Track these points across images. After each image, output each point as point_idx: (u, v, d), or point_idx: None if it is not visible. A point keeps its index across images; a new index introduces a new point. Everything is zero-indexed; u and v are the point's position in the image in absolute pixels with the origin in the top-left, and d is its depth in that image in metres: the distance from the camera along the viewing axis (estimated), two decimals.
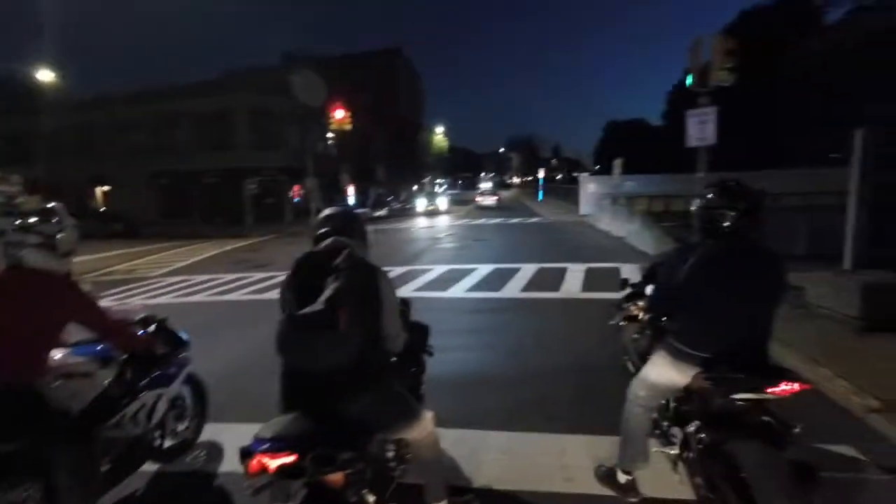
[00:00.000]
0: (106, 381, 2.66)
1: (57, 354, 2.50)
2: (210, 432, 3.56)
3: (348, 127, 24.28)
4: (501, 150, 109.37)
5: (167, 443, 3.13)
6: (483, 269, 10.16)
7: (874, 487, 2.70)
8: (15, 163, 27.86)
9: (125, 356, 2.75)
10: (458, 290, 8.48)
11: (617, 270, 9.02)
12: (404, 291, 8.35)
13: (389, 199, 37.23)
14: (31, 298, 2.26)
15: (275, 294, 2.01)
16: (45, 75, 14.52)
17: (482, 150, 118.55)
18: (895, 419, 3.28)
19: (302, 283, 1.91)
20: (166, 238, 22.29)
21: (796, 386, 1.94)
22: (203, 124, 30.37)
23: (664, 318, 2.48)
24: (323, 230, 2.08)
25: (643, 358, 2.60)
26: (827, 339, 4.80)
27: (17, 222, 2.31)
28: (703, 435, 2.10)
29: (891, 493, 2.69)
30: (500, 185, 74.44)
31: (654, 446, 2.60)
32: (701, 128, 8.46)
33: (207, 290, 9.86)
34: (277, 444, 1.65)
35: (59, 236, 2.39)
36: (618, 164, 19.38)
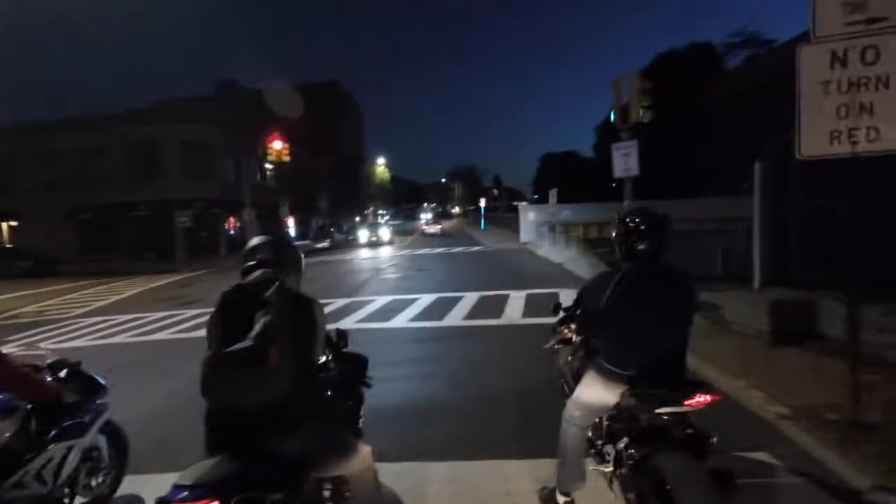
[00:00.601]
0: (5, 435, 2.40)
1: None
2: (131, 485, 3.27)
3: (287, 158, 23.91)
4: (443, 180, 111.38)
5: (79, 500, 2.83)
6: (426, 299, 10.18)
7: (787, 491, 2.92)
8: None
9: (29, 406, 2.48)
10: (401, 321, 8.42)
11: (556, 296, 9.34)
12: (346, 323, 8.17)
13: (331, 230, 36.71)
14: None
15: (204, 332, 1.91)
16: None
17: (425, 181, 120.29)
18: (803, 425, 3.58)
19: (229, 319, 1.81)
20: (86, 276, 20.57)
21: (709, 397, 2.09)
22: (132, 155, 28.74)
23: (591, 339, 2.61)
24: (251, 262, 2.01)
25: (577, 379, 2.70)
26: (741, 352, 5.20)
27: None
28: (632, 451, 2.20)
29: (802, 496, 2.91)
30: (443, 215, 75.50)
31: (591, 465, 2.68)
32: (625, 159, 9.09)
33: (131, 331, 9.16)
34: (198, 491, 1.54)
35: None
36: (553, 193, 20.32)
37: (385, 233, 35.78)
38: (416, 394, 4.89)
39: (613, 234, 2.47)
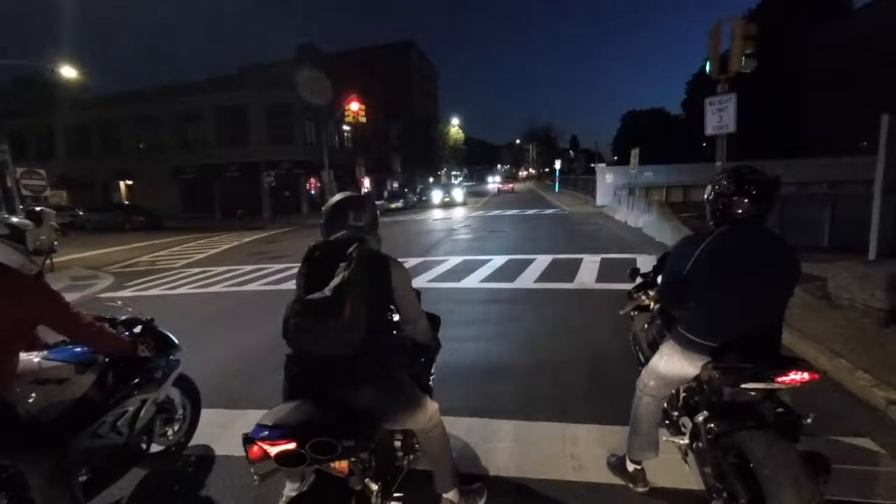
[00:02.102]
0: (85, 387, 2.49)
1: (31, 359, 2.38)
2: (224, 418, 3.65)
3: (363, 120, 24.32)
4: (518, 141, 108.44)
5: (155, 448, 3.03)
6: (497, 260, 10.15)
7: (891, 481, 2.64)
8: (42, 158, 28.73)
9: (107, 360, 2.61)
10: (472, 281, 8.48)
11: (632, 261, 8.92)
12: (419, 282, 8.39)
13: (405, 191, 37.27)
14: (1, 297, 2.12)
15: (290, 285, 2.04)
16: (68, 72, 14.82)
17: (499, 142, 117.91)
18: None
19: (313, 271, 1.91)
20: (188, 231, 22.76)
21: (806, 375, 1.90)
22: (222, 119, 30.78)
23: (674, 308, 2.46)
24: (333, 216, 2.10)
25: (652, 348, 2.58)
26: (848, 330, 4.68)
27: None
28: (712, 425, 2.08)
29: None
30: (516, 177, 73.94)
31: (664, 436, 2.59)
32: (720, 115, 8.28)
33: (225, 281, 10.04)
34: (278, 432, 1.65)
35: (29, 233, 2.30)
36: (634, 154, 19.07)
37: (458, 194, 35.73)
38: (486, 354, 4.95)
39: (707, 194, 2.25)
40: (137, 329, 2.90)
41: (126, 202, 31.81)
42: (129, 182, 33.99)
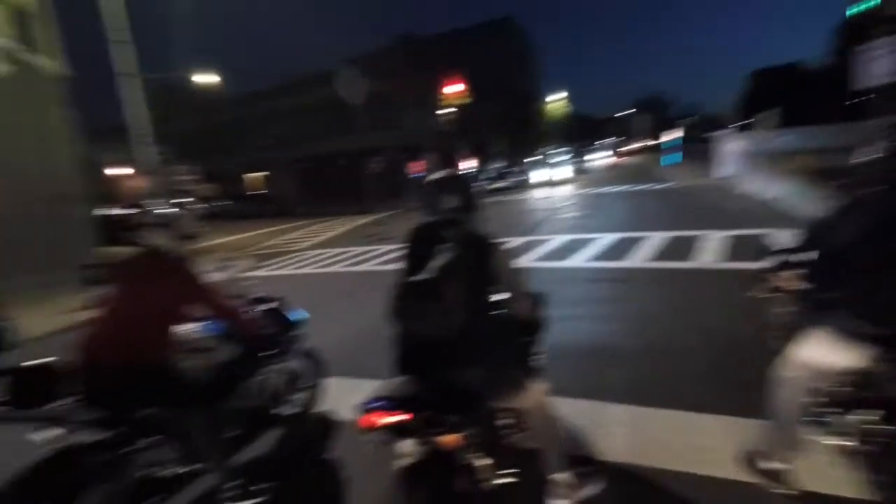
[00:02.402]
0: (228, 356, 2.85)
1: (185, 330, 2.70)
2: (346, 385, 3.95)
3: (467, 100, 24.38)
4: (626, 112, 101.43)
5: (286, 412, 3.39)
6: (605, 238, 9.67)
7: None
8: (189, 156, 33.07)
9: (244, 333, 2.90)
10: (578, 260, 8.19)
11: (760, 238, 7.95)
12: (522, 262, 8.31)
13: (506, 170, 36.89)
14: (151, 276, 2.46)
15: (398, 265, 2.14)
16: (206, 78, 16.77)
17: (604, 115, 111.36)
18: None
19: (415, 252, 1.97)
20: (307, 216, 24.89)
21: None
22: (330, 111, 32.83)
23: (831, 289, 2.13)
24: (432, 198, 2.12)
25: (796, 335, 2.27)
26: None
27: (152, 205, 2.53)
28: (887, 427, 1.79)
29: None
30: (623, 151, 69.47)
31: (810, 434, 2.29)
32: (877, 65, 6.96)
33: (342, 262, 10.84)
34: (390, 403, 1.78)
35: (179, 221, 2.59)
36: (766, 117, 16.81)
37: (562, 171, 34.46)
38: (595, 334, 4.76)
39: (870, 155, 1.89)
40: (269, 306, 3.24)
41: (257, 192, 35.61)
42: (260, 174, 37.87)
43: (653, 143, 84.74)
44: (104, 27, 10.34)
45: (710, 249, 7.86)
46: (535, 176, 34.73)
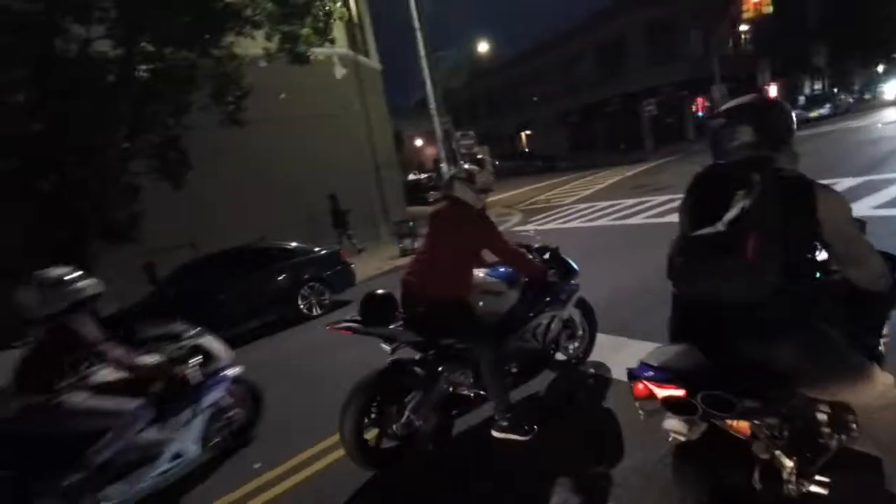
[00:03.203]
0: (513, 300, 3.12)
1: (479, 274, 3.11)
2: (612, 343, 3.87)
3: (768, 9, 19.44)
4: None
5: (561, 357, 3.56)
6: None
7: None
8: (469, 122, 36.92)
9: (526, 280, 3.16)
10: None
11: None
12: (858, 210, 6.29)
13: (834, 90, 28.26)
14: (456, 224, 2.86)
15: (674, 217, 1.84)
16: (482, 47, 18.14)
17: None
18: None
19: (702, 202, 1.64)
20: (576, 170, 24.76)
21: None
22: (601, 55, 31.04)
23: None
24: (724, 133, 1.68)
25: None
26: None
27: (449, 167, 3.05)
28: None
29: None
30: None
31: None
32: None
33: (610, 215, 10.44)
34: (664, 375, 1.51)
35: (477, 175, 2.96)
36: None
37: None
38: None
39: None
40: (546, 255, 3.44)
41: (526, 150, 37.27)
42: (528, 132, 39.41)
43: None
44: (409, 16, 12.24)
45: None
46: (884, 91, 25.72)
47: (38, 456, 2.68)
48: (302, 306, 7.35)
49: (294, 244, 7.93)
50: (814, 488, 1.68)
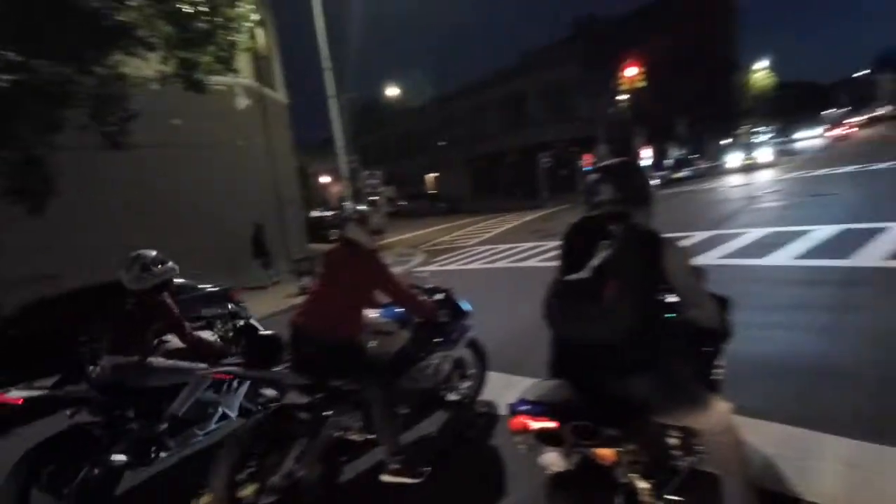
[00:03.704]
0: (404, 340, 3.11)
1: (370, 314, 3.08)
2: (499, 381, 3.97)
3: (641, 84, 22.48)
4: (863, 73, 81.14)
5: (452, 397, 3.57)
6: (822, 231, 7.91)
7: None
8: (374, 162, 37.29)
9: (418, 320, 3.18)
10: (782, 257, 6.86)
11: None
12: (706, 259, 7.32)
13: (693, 156, 33.13)
14: (349, 264, 2.87)
15: None
16: (391, 91, 18.65)
17: (830, 81, 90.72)
18: None
19: (572, 250, 1.82)
20: (477, 213, 25.88)
21: None
22: (503, 109, 33.53)
23: None
24: (594, 189, 1.92)
25: None
26: None
27: (349, 205, 3.09)
28: None
29: None
30: (854, 122, 56.12)
31: None
32: None
33: (508, 258, 11.00)
34: (539, 408, 1.65)
35: (370, 217, 2.99)
36: None
37: (764, 153, 29.95)
38: (804, 347, 3.94)
39: None
40: (439, 297, 3.46)
41: (431, 192, 38.36)
42: (435, 174, 40.68)
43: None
44: (318, 56, 12.29)
45: None
46: (729, 160, 30.84)
47: (127, 406, 3.12)
48: None
49: (181, 280, 7.25)
50: None
